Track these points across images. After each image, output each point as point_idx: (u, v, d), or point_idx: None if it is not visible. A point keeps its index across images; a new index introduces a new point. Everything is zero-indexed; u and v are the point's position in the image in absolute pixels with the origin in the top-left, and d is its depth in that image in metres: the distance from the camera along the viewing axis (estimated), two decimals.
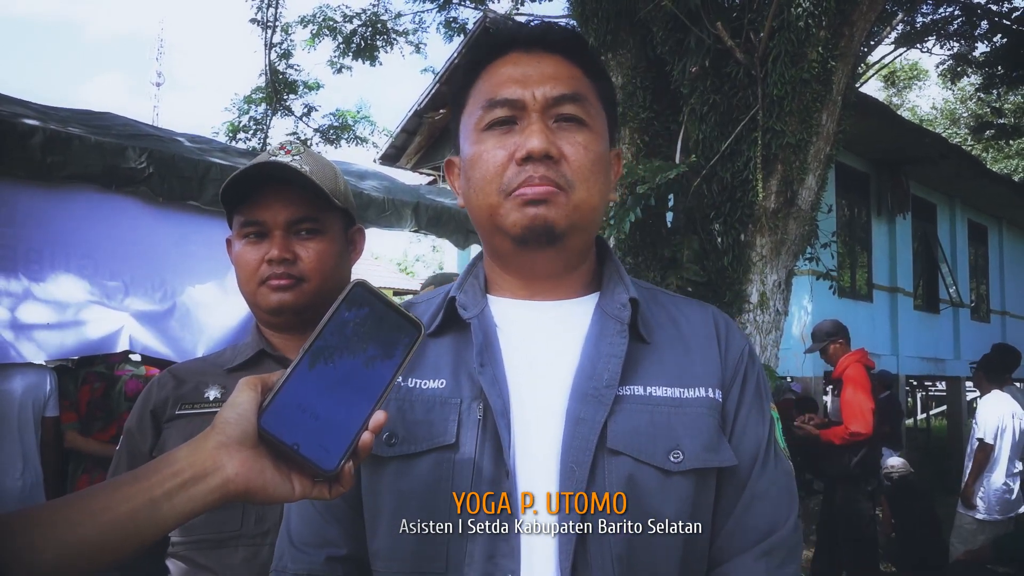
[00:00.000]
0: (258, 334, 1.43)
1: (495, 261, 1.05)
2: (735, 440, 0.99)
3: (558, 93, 0.97)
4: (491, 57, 1.03)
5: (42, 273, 3.64)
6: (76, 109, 4.53)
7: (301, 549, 1.00)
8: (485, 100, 0.99)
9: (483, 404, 0.94)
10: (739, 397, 1.01)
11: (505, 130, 0.98)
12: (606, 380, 0.94)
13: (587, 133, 0.98)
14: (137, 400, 1.42)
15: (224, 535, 1.26)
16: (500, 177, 0.96)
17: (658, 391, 0.96)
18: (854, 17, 3.66)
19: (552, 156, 0.94)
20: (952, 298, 12.73)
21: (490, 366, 0.96)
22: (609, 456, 0.92)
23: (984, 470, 5.26)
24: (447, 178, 1.11)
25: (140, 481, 0.70)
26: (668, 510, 0.91)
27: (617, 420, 0.93)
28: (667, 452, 0.92)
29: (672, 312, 1.06)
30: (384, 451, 0.95)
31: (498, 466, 0.91)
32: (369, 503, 0.98)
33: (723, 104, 3.74)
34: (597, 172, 0.98)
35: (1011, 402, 5.40)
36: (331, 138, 12.91)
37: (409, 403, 0.97)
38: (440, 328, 1.03)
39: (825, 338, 5.58)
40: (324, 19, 10.61)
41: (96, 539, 0.66)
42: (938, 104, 25.94)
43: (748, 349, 1.06)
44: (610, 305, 1.01)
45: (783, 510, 0.99)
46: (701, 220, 3.84)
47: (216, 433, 0.73)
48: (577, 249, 1.01)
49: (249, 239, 1.36)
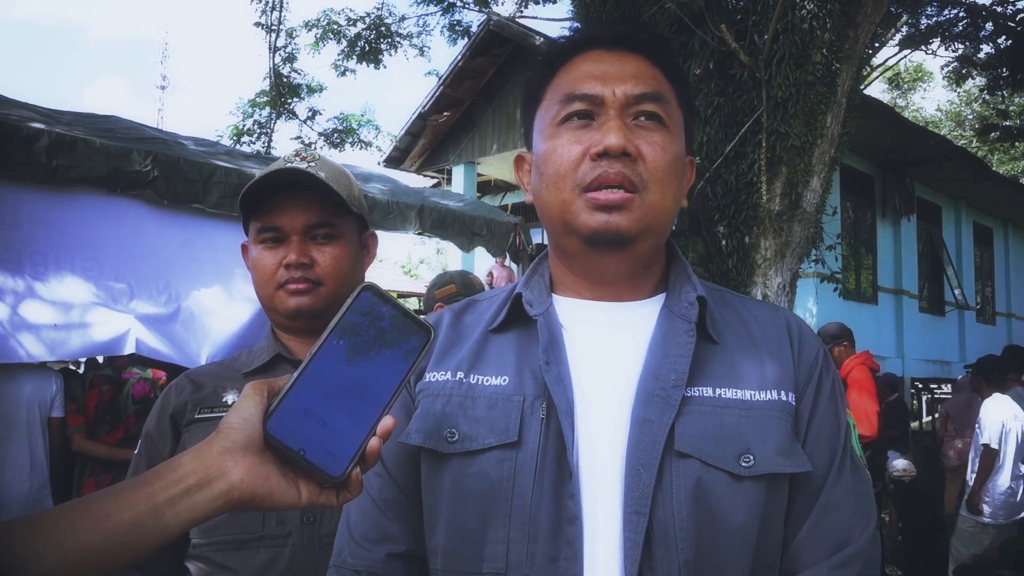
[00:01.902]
0: (274, 338, 1.44)
1: (562, 260, 1.03)
2: (809, 446, 0.95)
3: (639, 91, 0.95)
4: (572, 53, 1.01)
5: (48, 275, 3.66)
6: (81, 112, 4.55)
7: (361, 544, 0.97)
8: (564, 95, 0.97)
9: (547, 402, 0.92)
10: (813, 401, 0.97)
11: (582, 124, 0.95)
12: (673, 381, 0.92)
13: (665, 134, 0.96)
14: (155, 404, 1.43)
15: (246, 536, 1.25)
16: (574, 172, 0.94)
17: (728, 393, 0.93)
18: (858, 19, 3.66)
19: (629, 153, 0.92)
20: (958, 300, 12.70)
21: (555, 364, 0.93)
22: (677, 459, 0.88)
23: (990, 475, 5.25)
24: (515, 174, 1.09)
25: (143, 487, 0.69)
26: (738, 516, 0.88)
27: (685, 422, 0.90)
28: (737, 456, 0.89)
29: (742, 313, 1.03)
30: (445, 447, 0.93)
31: (561, 466, 0.89)
32: (429, 500, 0.96)
33: (727, 106, 3.74)
34: (672, 174, 0.96)
35: (1012, 404, 5.40)
36: (335, 141, 12.94)
37: (471, 399, 0.95)
38: (504, 324, 1.01)
39: (830, 340, 5.56)
40: (328, 23, 10.65)
41: (99, 545, 0.65)
42: (943, 106, 25.93)
43: (823, 352, 1.02)
44: (677, 305, 0.99)
45: (859, 520, 0.94)
46: (706, 222, 3.84)
47: (221, 439, 0.72)
48: (647, 252, 0.99)
49: (266, 244, 1.38)
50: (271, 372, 1.39)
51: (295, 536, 1.25)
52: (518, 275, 8.46)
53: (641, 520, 0.86)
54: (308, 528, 1.26)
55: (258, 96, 11.87)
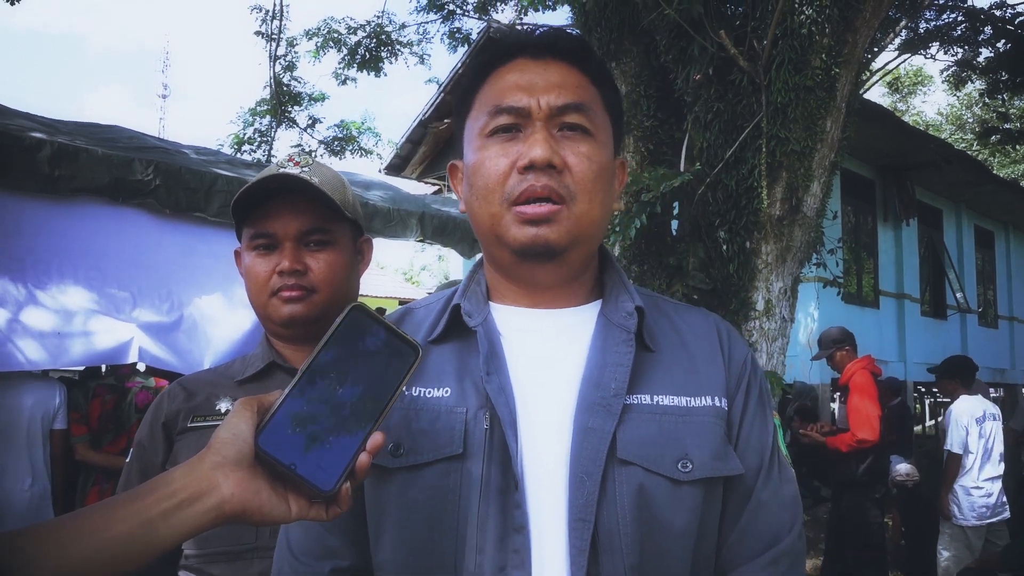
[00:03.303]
0: (268, 346, 1.42)
1: (496, 270, 1.04)
2: (740, 448, 0.98)
3: (563, 102, 0.96)
4: (498, 63, 1.01)
5: (50, 284, 3.67)
6: (83, 122, 4.57)
7: (302, 560, 0.98)
8: (490, 106, 0.98)
9: (490, 413, 0.92)
10: (743, 405, 1.00)
11: (509, 137, 0.96)
12: (614, 389, 0.93)
13: (591, 143, 0.97)
14: (147, 412, 1.41)
15: (239, 548, 1.25)
16: (502, 186, 0.94)
17: (665, 400, 0.95)
18: (857, 24, 3.66)
19: (555, 166, 0.93)
20: (959, 304, 12.68)
21: (496, 374, 0.94)
22: (619, 466, 0.90)
23: (954, 479, 5.19)
24: (451, 182, 1.09)
25: (136, 501, 0.70)
26: (679, 520, 0.90)
27: (626, 429, 0.91)
28: (676, 461, 0.91)
29: (675, 320, 1.05)
30: (390, 462, 0.93)
31: (506, 476, 0.90)
32: (374, 514, 0.96)
33: (727, 112, 3.75)
34: (600, 183, 0.97)
35: (980, 404, 5.32)
36: (336, 149, 12.96)
37: (415, 412, 0.95)
38: (443, 335, 1.01)
39: (832, 345, 5.56)
40: (329, 31, 10.67)
41: (93, 558, 0.66)
42: (944, 110, 25.92)
43: (750, 357, 1.05)
44: (614, 313, 1.00)
45: (787, 518, 0.98)
46: (706, 228, 3.84)
47: (212, 453, 0.73)
48: (578, 261, 1.00)
49: (259, 251, 1.36)
50: (265, 380, 1.38)
51: None
52: None
53: (586, 527, 0.87)
54: None
55: (259, 105, 11.90)
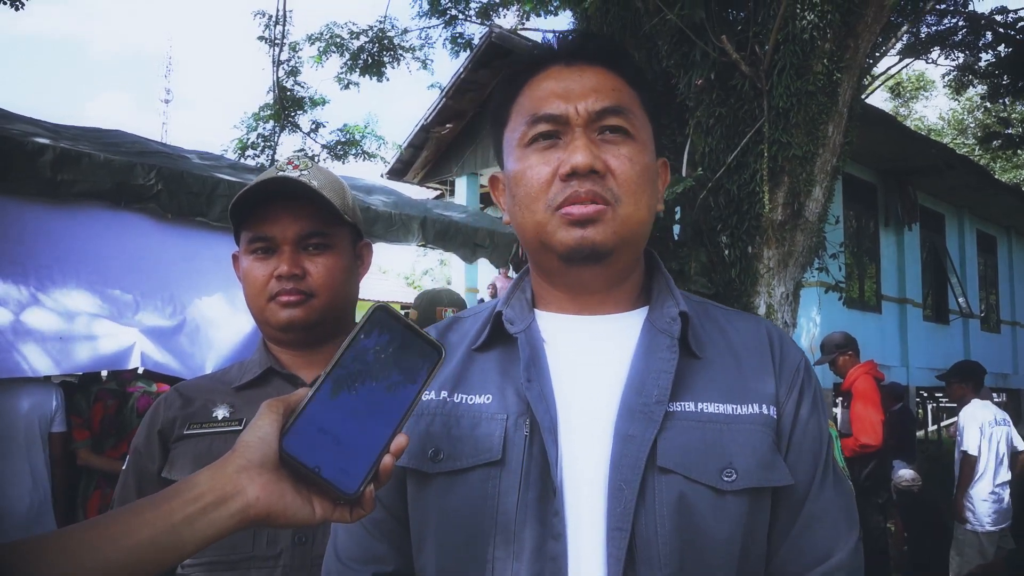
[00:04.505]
0: (265, 351, 1.41)
1: (542, 277, 1.03)
2: (791, 458, 0.95)
3: (601, 106, 0.95)
4: (531, 72, 1.01)
5: (52, 289, 3.67)
6: (86, 127, 4.59)
7: (348, 565, 0.98)
8: (528, 116, 0.97)
9: (530, 420, 0.92)
10: (795, 413, 0.97)
11: (548, 145, 0.96)
12: (655, 396, 0.91)
13: (632, 145, 0.96)
14: (144, 418, 1.39)
15: (236, 557, 1.23)
16: (545, 194, 0.94)
17: (710, 407, 0.93)
18: (859, 29, 3.67)
19: (598, 171, 0.92)
20: (962, 309, 12.67)
21: (537, 381, 0.93)
22: (659, 475, 0.89)
23: (970, 480, 5.20)
24: (492, 194, 1.08)
25: (160, 506, 0.69)
26: (721, 530, 0.88)
27: (667, 437, 0.90)
28: (719, 470, 0.89)
29: (724, 326, 1.03)
30: (430, 467, 0.93)
31: (545, 483, 0.89)
32: (416, 521, 0.96)
33: (729, 117, 3.75)
34: (644, 184, 0.96)
35: (991, 409, 5.36)
36: (338, 153, 12.97)
37: (455, 418, 0.95)
38: (487, 343, 1.01)
39: (834, 350, 5.55)
40: (332, 36, 10.69)
41: (118, 563, 0.66)
42: (945, 114, 25.91)
43: (803, 364, 1.02)
44: (659, 319, 0.98)
45: (842, 532, 0.94)
46: (708, 232, 3.84)
47: (237, 456, 0.73)
48: (625, 264, 1.00)
49: (257, 255, 1.35)
50: (263, 386, 1.36)
51: (286, 557, 1.23)
52: None
53: (623, 536, 0.86)
54: (299, 548, 1.24)
55: (262, 109, 11.91)
